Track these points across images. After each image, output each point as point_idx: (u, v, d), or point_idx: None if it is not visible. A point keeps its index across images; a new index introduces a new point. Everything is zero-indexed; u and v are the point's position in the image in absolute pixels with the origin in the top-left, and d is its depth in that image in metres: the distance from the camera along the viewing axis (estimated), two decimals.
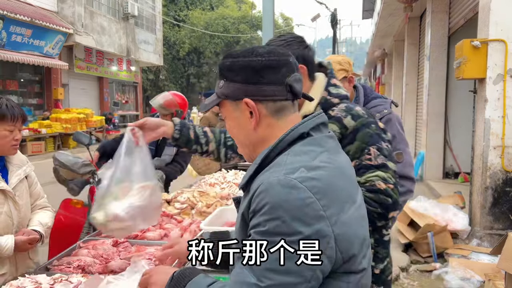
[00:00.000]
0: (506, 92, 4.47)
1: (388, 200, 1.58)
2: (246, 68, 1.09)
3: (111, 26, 18.99)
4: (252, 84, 1.08)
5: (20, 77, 15.64)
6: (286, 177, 0.96)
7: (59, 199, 3.91)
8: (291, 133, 1.07)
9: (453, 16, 7.69)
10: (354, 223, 1.02)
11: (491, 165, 4.56)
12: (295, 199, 0.93)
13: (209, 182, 3.57)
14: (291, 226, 0.92)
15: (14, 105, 2.05)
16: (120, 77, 21.87)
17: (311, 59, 1.69)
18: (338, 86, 1.75)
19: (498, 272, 3.33)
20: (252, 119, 1.10)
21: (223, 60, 1.14)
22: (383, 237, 1.71)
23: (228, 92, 1.12)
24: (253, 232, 0.97)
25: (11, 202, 2.07)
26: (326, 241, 0.94)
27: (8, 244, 1.98)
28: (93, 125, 17.00)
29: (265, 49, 1.11)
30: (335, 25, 22.03)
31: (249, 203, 1.01)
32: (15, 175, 2.12)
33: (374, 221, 1.60)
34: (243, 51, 1.12)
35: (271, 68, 1.08)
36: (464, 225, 4.70)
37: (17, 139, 2.07)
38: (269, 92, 1.08)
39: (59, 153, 3.89)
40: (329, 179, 1.00)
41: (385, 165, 1.60)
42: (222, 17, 29.62)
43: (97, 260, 2.06)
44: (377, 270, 1.71)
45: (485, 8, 4.60)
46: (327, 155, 1.06)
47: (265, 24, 6.76)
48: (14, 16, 12.89)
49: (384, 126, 1.72)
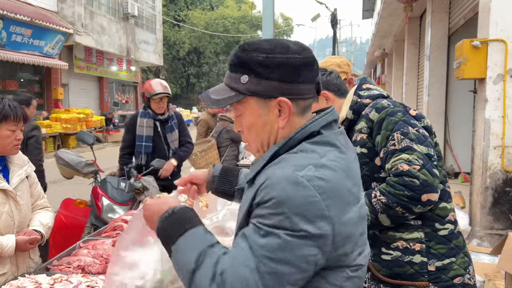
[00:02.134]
0: (506, 92, 4.46)
1: (415, 182, 1.54)
2: (285, 65, 1.04)
3: (111, 26, 18.98)
4: (289, 82, 1.04)
5: (20, 77, 15.64)
6: (294, 173, 0.97)
7: (60, 199, 3.92)
8: (302, 131, 1.06)
9: (453, 16, 7.69)
10: (353, 223, 1.03)
11: (491, 165, 4.56)
12: (300, 196, 0.95)
13: None
14: (294, 221, 0.95)
15: (17, 105, 2.06)
16: (120, 77, 21.87)
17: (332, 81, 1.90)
18: (370, 89, 1.84)
19: (498, 272, 3.32)
20: (280, 117, 1.07)
21: (250, 54, 1.06)
22: (436, 231, 1.64)
23: (258, 89, 1.05)
24: (256, 222, 0.99)
25: (12, 202, 2.07)
26: (324, 240, 0.97)
27: (10, 243, 1.99)
28: (93, 125, 17.00)
29: (297, 45, 1.07)
30: (335, 25, 22.01)
31: (254, 195, 1.02)
32: (16, 175, 2.12)
33: (409, 207, 1.55)
34: (275, 46, 1.05)
35: (308, 66, 1.06)
36: (464, 225, 4.70)
37: (19, 139, 2.08)
38: (304, 91, 1.07)
39: (62, 152, 3.89)
40: (336, 180, 1.01)
41: (409, 147, 1.59)
42: (222, 17, 29.63)
43: (97, 260, 2.06)
44: (431, 267, 1.63)
45: (485, 8, 4.60)
46: (335, 153, 1.06)
47: (265, 24, 6.77)
48: (14, 16, 12.89)
49: (417, 113, 1.72)
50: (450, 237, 1.66)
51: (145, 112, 4.04)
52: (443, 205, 1.67)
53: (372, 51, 18.39)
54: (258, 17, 27.97)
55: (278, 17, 32.42)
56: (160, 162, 3.93)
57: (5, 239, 1.99)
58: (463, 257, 1.67)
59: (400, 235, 1.66)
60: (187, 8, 30.85)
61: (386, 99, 1.79)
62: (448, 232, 1.65)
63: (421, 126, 1.67)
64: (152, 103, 3.97)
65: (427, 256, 1.63)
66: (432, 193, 1.55)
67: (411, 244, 1.65)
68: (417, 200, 1.55)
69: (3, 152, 2.08)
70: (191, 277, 0.99)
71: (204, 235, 1.04)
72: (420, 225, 1.65)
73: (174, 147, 4.11)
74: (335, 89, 1.90)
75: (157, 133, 4.03)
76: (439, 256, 1.64)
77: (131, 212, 2.85)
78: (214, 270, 0.97)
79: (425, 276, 1.63)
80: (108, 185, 3.65)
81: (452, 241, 1.66)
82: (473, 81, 5.01)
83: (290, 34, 32.87)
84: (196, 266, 0.99)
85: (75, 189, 6.74)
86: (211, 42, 29.57)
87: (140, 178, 3.84)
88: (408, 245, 1.65)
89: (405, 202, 1.55)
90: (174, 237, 1.05)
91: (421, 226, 1.64)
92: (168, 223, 1.08)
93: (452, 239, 1.66)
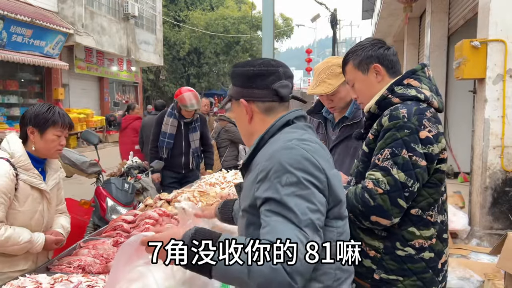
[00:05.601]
0: (505, 92, 4.47)
1: (370, 202, 1.56)
2: (242, 75, 1.40)
3: (111, 26, 18.98)
4: (246, 88, 1.39)
5: (21, 77, 15.63)
6: (284, 143, 1.25)
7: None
8: (280, 120, 1.37)
9: (453, 16, 7.69)
10: (336, 177, 1.30)
11: (491, 165, 4.57)
12: (296, 155, 1.21)
13: (209, 182, 3.58)
14: (298, 175, 1.17)
15: (65, 114, 2.23)
16: (120, 77, 21.85)
17: (388, 57, 1.78)
18: (410, 87, 1.70)
19: (498, 272, 3.33)
20: (247, 115, 1.40)
21: (233, 68, 1.45)
22: (394, 249, 1.64)
23: (232, 94, 1.45)
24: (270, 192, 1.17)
25: (46, 203, 2.24)
26: (325, 184, 1.22)
27: (40, 240, 2.17)
28: (93, 125, 17.00)
29: (259, 61, 1.40)
30: (335, 26, 22.02)
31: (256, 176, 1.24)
32: (52, 178, 2.28)
33: (359, 219, 1.61)
34: (243, 63, 1.43)
35: (261, 76, 1.37)
36: (464, 225, 4.70)
37: (62, 144, 2.22)
38: (258, 95, 1.38)
39: (66, 151, 3.90)
40: (316, 147, 1.28)
41: (387, 169, 1.56)
42: (222, 17, 29.59)
43: (97, 260, 2.07)
44: (376, 276, 1.66)
45: (485, 8, 4.60)
46: (309, 135, 1.35)
47: (265, 24, 6.78)
48: (15, 16, 12.89)
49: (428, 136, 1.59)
50: (407, 260, 1.65)
51: (172, 112, 4.57)
52: (412, 230, 1.64)
53: None
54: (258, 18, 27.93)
55: (278, 18, 32.35)
56: (159, 163, 4.03)
57: (36, 236, 2.16)
58: (414, 281, 1.65)
59: (363, 237, 1.69)
60: (187, 9, 30.82)
61: (419, 103, 1.65)
62: (405, 255, 1.65)
63: (420, 152, 1.57)
64: (183, 111, 4.49)
65: (377, 264, 1.66)
66: (383, 218, 1.56)
67: (368, 249, 1.68)
68: (366, 217, 1.59)
69: (46, 155, 2.23)
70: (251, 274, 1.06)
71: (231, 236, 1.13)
72: (383, 237, 1.66)
73: (194, 146, 4.69)
74: (388, 66, 1.77)
75: (180, 131, 4.58)
76: (387, 270, 1.65)
77: (131, 212, 2.85)
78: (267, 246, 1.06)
79: (369, 280, 1.68)
80: (113, 186, 3.67)
81: (407, 264, 1.65)
82: (473, 81, 5.01)
83: (290, 35, 32.78)
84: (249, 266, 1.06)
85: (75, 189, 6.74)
86: (211, 42, 29.53)
87: (140, 179, 3.85)
88: (365, 249, 1.69)
89: (356, 213, 1.61)
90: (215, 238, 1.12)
91: (383, 237, 1.66)
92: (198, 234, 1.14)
93: (407, 262, 1.65)
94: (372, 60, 1.77)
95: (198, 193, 2.98)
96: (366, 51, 1.78)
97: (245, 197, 1.30)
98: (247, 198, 1.28)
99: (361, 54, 1.79)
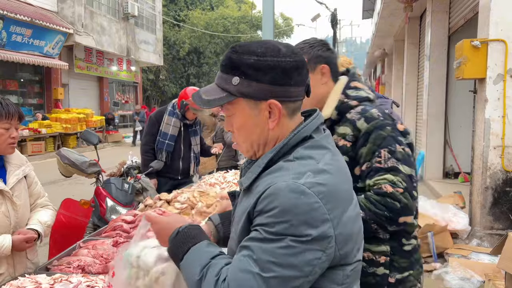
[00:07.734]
0: (506, 92, 4.46)
1: (396, 204, 1.54)
2: (276, 68, 1.04)
3: (111, 26, 18.98)
4: (280, 85, 1.05)
5: (20, 77, 15.64)
6: (295, 182, 0.99)
7: (60, 199, 3.91)
8: (294, 137, 1.08)
9: (453, 16, 7.69)
10: (352, 221, 1.07)
11: (491, 165, 4.56)
12: (304, 204, 0.97)
13: (209, 182, 3.57)
14: (299, 229, 0.97)
15: (9, 103, 2.04)
16: (120, 77, 21.86)
17: (334, 60, 1.73)
18: (358, 89, 1.73)
19: (498, 272, 3.33)
20: (270, 119, 1.08)
21: (241, 56, 1.06)
22: (402, 246, 1.66)
23: (249, 91, 1.06)
24: (260, 229, 1.00)
25: (9, 202, 2.06)
26: (328, 241, 0.99)
27: (6, 243, 1.98)
28: (93, 125, 16.99)
29: (288, 48, 1.08)
30: (335, 25, 22.02)
31: (255, 203, 1.03)
32: (13, 175, 2.10)
33: (384, 226, 1.58)
34: (267, 49, 1.06)
35: (298, 69, 1.07)
36: (464, 225, 4.70)
37: (13, 137, 2.05)
38: (294, 94, 1.08)
39: (66, 151, 3.88)
40: (334, 183, 1.04)
41: (395, 168, 1.56)
42: (222, 17, 29.61)
43: (97, 260, 2.06)
44: (392, 279, 1.65)
45: (485, 8, 4.60)
46: (330, 156, 1.09)
47: (265, 24, 6.78)
48: (14, 16, 12.89)
49: (405, 128, 1.65)
50: (413, 251, 1.69)
51: (174, 112, 4.14)
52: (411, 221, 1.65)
53: (372, 51, 18.38)
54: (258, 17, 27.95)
55: (278, 17, 32.38)
56: (159, 163, 3.99)
57: (0, 239, 1.98)
58: (418, 269, 1.70)
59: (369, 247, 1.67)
60: (187, 8, 30.83)
61: (372, 104, 1.71)
62: (412, 248, 1.68)
63: (406, 144, 1.62)
64: (188, 112, 4.12)
65: (389, 268, 1.66)
66: (409, 216, 1.58)
67: (377, 256, 1.67)
68: (394, 221, 1.57)
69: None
70: None
71: (206, 249, 1.08)
72: (387, 239, 1.66)
73: (197, 151, 4.32)
74: (333, 69, 1.74)
75: (180, 134, 4.17)
76: (400, 269, 1.66)
77: (131, 212, 2.85)
78: (216, 279, 1.00)
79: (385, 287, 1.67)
80: (112, 186, 3.65)
81: (414, 255, 1.69)
82: (473, 81, 5.01)
83: (290, 34, 32.87)
84: (200, 277, 1.03)
85: (75, 189, 6.74)
86: (211, 42, 29.55)
87: (140, 179, 3.85)
88: (374, 257, 1.67)
89: (382, 221, 1.57)
90: (180, 255, 1.09)
91: (388, 240, 1.65)
92: (174, 243, 1.12)
93: (414, 254, 1.69)
94: (321, 61, 1.73)
95: (198, 193, 2.97)
96: (315, 50, 1.73)
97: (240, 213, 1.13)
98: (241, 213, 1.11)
99: (310, 52, 1.73)
